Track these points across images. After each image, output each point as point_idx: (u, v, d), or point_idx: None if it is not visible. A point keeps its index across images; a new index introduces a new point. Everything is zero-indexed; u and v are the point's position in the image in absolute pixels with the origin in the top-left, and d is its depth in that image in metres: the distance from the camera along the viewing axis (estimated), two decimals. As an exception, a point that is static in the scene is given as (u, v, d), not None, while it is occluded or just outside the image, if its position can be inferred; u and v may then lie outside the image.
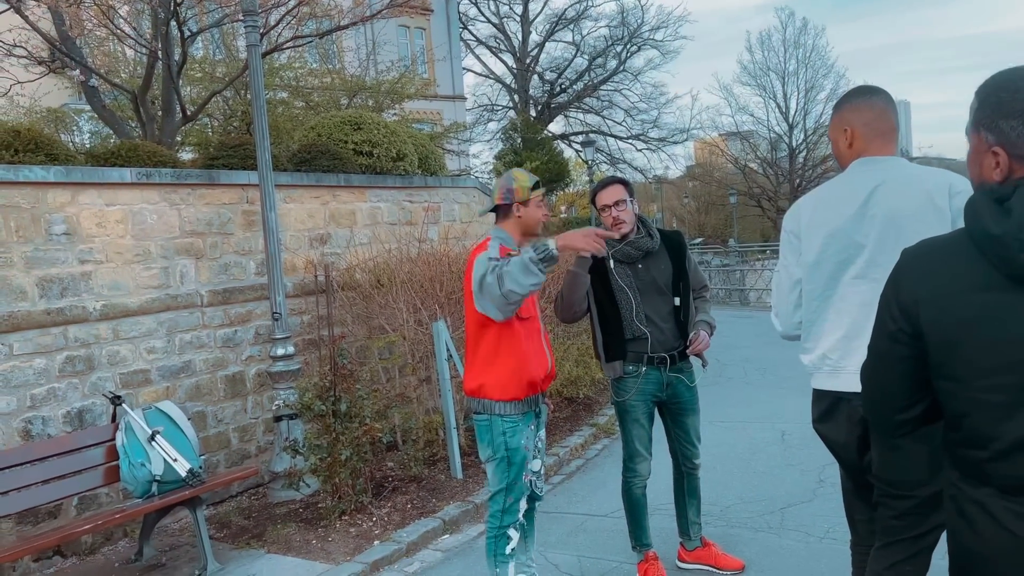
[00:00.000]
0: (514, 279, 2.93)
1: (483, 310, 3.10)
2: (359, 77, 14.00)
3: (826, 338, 2.50)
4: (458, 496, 5.39)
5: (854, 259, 2.42)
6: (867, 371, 1.72)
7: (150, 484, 4.48)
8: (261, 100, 5.70)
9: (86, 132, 12.97)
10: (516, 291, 2.94)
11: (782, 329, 2.69)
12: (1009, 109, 1.45)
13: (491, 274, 2.97)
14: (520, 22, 35.35)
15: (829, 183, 2.57)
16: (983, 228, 1.42)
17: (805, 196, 2.61)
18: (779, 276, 2.64)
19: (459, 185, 8.88)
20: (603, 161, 35.69)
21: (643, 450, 3.87)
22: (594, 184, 4.05)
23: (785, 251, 2.60)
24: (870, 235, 2.38)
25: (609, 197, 3.78)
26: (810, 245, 2.49)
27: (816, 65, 40.62)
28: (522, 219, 3.37)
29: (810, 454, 5.91)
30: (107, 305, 5.28)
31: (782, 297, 2.64)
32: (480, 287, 3.03)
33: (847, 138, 2.52)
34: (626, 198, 3.77)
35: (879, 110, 2.48)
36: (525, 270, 2.93)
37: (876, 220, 2.37)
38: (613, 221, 3.77)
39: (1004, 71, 1.52)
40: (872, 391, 1.72)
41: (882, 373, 1.66)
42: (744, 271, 24.66)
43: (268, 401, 6.17)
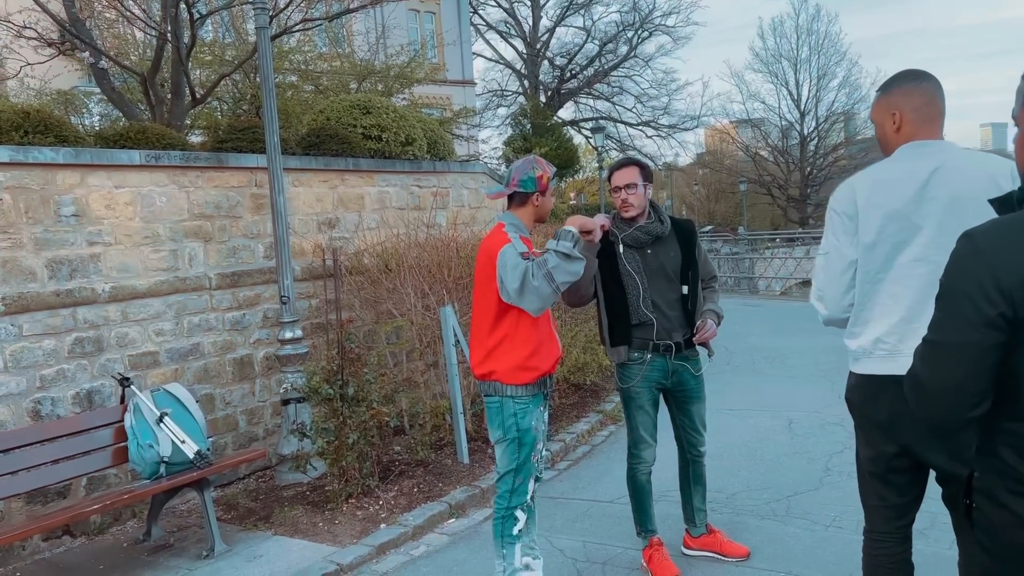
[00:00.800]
0: (564, 271, 3.08)
1: (518, 303, 3.13)
2: (368, 61, 13.95)
3: (880, 322, 2.45)
4: (464, 481, 5.40)
5: (911, 241, 2.38)
6: (937, 365, 1.58)
7: (158, 465, 4.51)
8: (270, 83, 5.68)
9: (96, 115, 12.99)
10: (568, 280, 3.11)
11: (828, 312, 2.61)
12: None
13: (535, 278, 3.05)
14: (530, 7, 35.14)
15: (881, 165, 2.52)
16: None
17: (856, 177, 2.55)
18: (828, 259, 2.56)
19: (468, 170, 8.85)
20: (613, 148, 35.58)
21: (648, 437, 3.87)
22: (611, 164, 4.03)
23: (837, 232, 2.52)
24: (929, 217, 2.35)
25: (621, 179, 3.76)
26: (868, 226, 2.44)
27: (829, 52, 40.39)
28: (538, 208, 3.39)
29: (817, 443, 5.90)
30: (116, 287, 5.30)
31: (832, 279, 2.55)
32: (522, 288, 3.08)
33: (895, 121, 2.49)
34: (638, 181, 3.75)
35: (930, 95, 2.46)
36: (569, 260, 3.09)
37: (937, 202, 2.34)
38: (622, 203, 3.75)
39: None
40: (943, 387, 1.57)
41: (964, 366, 1.53)
42: (753, 259, 24.59)
43: (276, 384, 6.19)
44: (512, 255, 3.13)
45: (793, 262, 22.92)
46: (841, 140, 42.65)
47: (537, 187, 3.34)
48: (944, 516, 2.50)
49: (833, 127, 41.98)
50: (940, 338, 1.57)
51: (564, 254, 3.08)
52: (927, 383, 1.59)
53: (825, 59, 40.40)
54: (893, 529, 2.55)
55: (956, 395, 1.55)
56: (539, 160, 3.41)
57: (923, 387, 1.61)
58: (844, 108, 41.23)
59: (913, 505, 2.55)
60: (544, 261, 3.09)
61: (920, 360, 1.63)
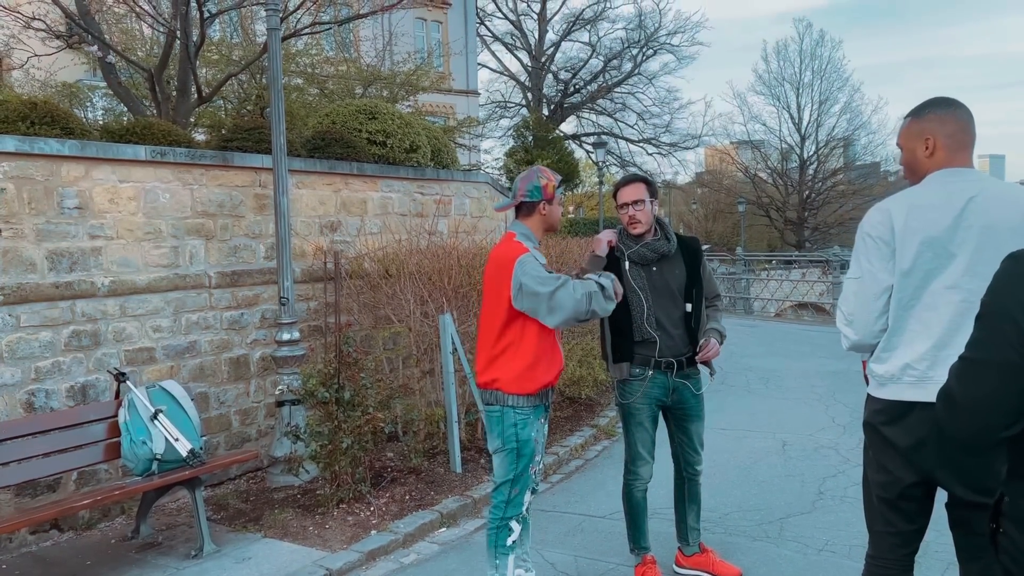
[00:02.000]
0: (601, 304, 3.20)
1: (542, 311, 3.17)
2: (375, 67, 13.99)
3: (910, 348, 2.45)
4: (456, 490, 5.38)
5: (945, 268, 2.39)
6: (974, 383, 1.57)
7: (151, 462, 4.48)
8: (279, 84, 5.69)
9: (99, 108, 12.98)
10: (599, 312, 3.22)
11: (858, 337, 2.59)
12: None
13: (575, 291, 3.12)
14: (537, 20, 35.32)
15: (915, 190, 2.52)
16: None
17: (889, 202, 2.54)
18: (861, 283, 2.55)
19: (471, 179, 8.86)
20: (613, 163, 35.70)
21: (645, 453, 3.86)
22: (617, 180, 4.04)
23: (871, 257, 2.51)
24: (965, 245, 2.36)
25: (629, 195, 3.77)
26: (905, 252, 2.44)
27: (831, 78, 40.67)
28: (546, 217, 3.41)
29: (810, 466, 5.90)
30: (115, 281, 5.28)
31: (865, 304, 2.53)
32: (554, 295, 3.12)
33: (928, 147, 2.50)
34: (645, 198, 3.76)
35: (963, 122, 2.49)
36: (608, 299, 3.23)
37: (972, 231, 2.36)
38: (629, 220, 3.76)
39: None
40: (977, 405, 1.56)
41: (1001, 385, 1.52)
42: (750, 280, 24.62)
43: (271, 385, 6.17)
44: (533, 264, 3.17)
45: (789, 284, 22.97)
46: (840, 165, 42.87)
47: (543, 195, 3.37)
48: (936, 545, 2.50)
49: (833, 152, 42.20)
50: (979, 356, 1.57)
51: (603, 287, 3.20)
52: (961, 400, 1.59)
53: (827, 84, 40.71)
54: (899, 556, 2.55)
55: (990, 414, 1.55)
56: (543, 169, 3.45)
57: (957, 404, 1.60)
58: (844, 133, 41.49)
59: (919, 534, 2.56)
60: (586, 284, 3.17)
61: (956, 377, 1.62)
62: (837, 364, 10.20)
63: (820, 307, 23.15)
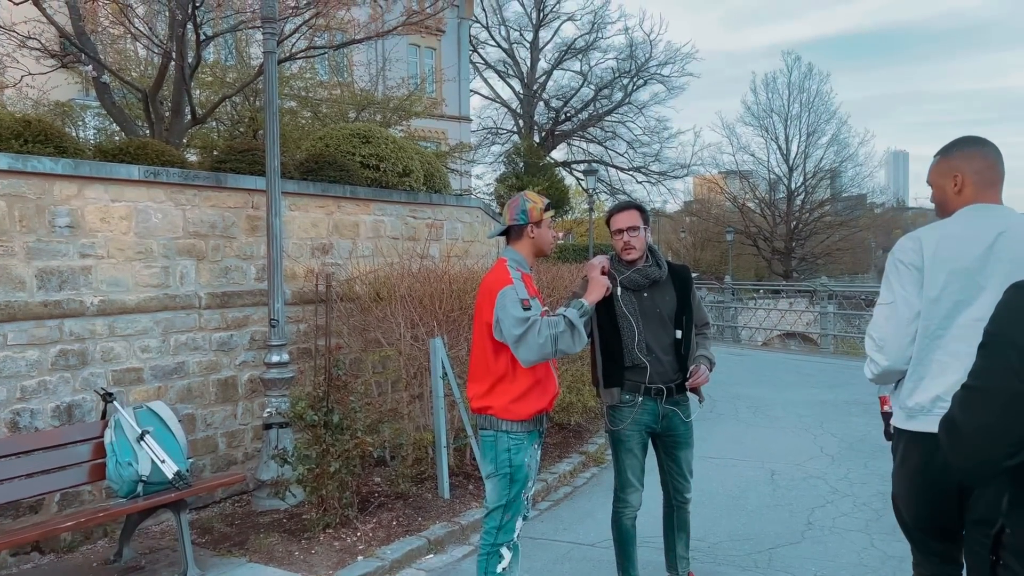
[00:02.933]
0: (568, 343, 3.15)
1: (512, 349, 3.18)
2: (368, 92, 14.08)
3: (938, 379, 2.47)
4: (444, 516, 5.34)
5: (974, 300, 2.43)
6: (978, 412, 1.56)
7: (136, 484, 4.43)
8: (274, 107, 5.72)
9: (91, 128, 13.00)
10: (567, 351, 3.17)
11: (889, 363, 2.58)
12: None
13: (540, 335, 3.10)
14: (529, 49, 35.71)
15: (947, 222, 2.57)
16: None
17: (921, 231, 2.59)
18: (895, 308, 2.56)
19: (463, 204, 8.90)
20: (603, 190, 35.91)
21: (635, 481, 3.85)
22: (611, 207, 4.07)
23: (904, 283, 2.54)
24: (993, 278, 2.40)
25: (623, 221, 3.80)
26: (934, 280, 2.48)
27: (819, 110, 41.19)
28: (535, 240, 3.42)
29: (799, 495, 5.90)
30: (105, 301, 5.25)
31: (898, 329, 2.54)
32: (523, 338, 3.12)
33: (956, 184, 2.56)
34: (639, 225, 3.80)
35: (991, 160, 2.55)
36: (578, 336, 3.18)
37: (1002, 264, 2.40)
38: (624, 246, 3.78)
39: None
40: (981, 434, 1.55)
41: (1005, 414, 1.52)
42: (737, 308, 24.73)
43: (259, 408, 6.12)
44: (512, 299, 3.17)
45: (777, 314, 23.07)
46: (827, 196, 43.30)
47: (528, 218, 3.39)
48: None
49: (820, 183, 42.64)
50: (983, 384, 1.57)
51: (572, 323, 3.15)
52: (964, 429, 1.58)
53: (815, 116, 41.23)
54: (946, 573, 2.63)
55: (994, 443, 1.54)
56: (528, 194, 3.49)
57: (960, 432, 1.59)
58: (832, 165, 41.97)
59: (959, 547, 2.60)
60: (555, 323, 3.14)
61: (959, 406, 1.61)
62: (825, 394, 10.24)
63: (807, 337, 23.26)
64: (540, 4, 34.95)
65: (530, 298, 3.24)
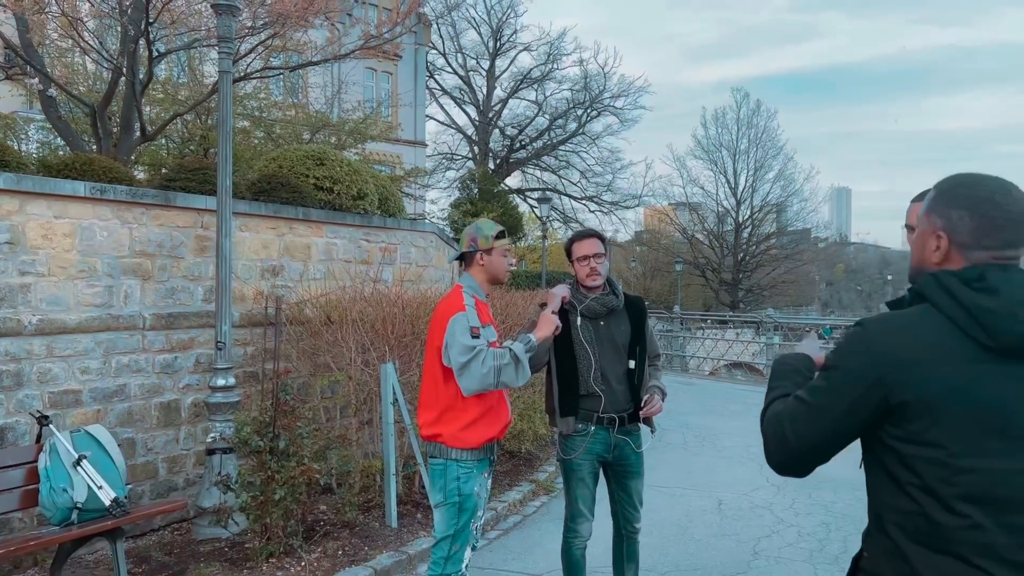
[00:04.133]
0: (511, 376, 3.14)
1: (456, 376, 3.17)
2: (324, 114, 14.01)
3: None
4: (391, 545, 5.25)
5: None
6: (808, 424, 1.67)
7: (70, 511, 4.25)
8: (228, 126, 5.64)
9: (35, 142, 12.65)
10: (510, 383, 3.17)
11: None
12: (962, 201, 1.62)
13: (484, 365, 3.09)
14: (486, 77, 35.95)
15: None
16: (974, 302, 1.52)
17: None
18: None
19: (418, 229, 8.88)
20: (556, 218, 36.18)
21: (586, 510, 3.84)
22: (572, 235, 4.09)
23: None
24: None
25: (589, 248, 3.82)
26: None
27: (767, 146, 42.34)
28: (486, 267, 3.42)
29: (746, 525, 5.95)
30: (44, 320, 5.08)
31: None
32: (466, 368, 3.11)
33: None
34: (603, 252, 3.83)
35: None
36: (522, 370, 3.18)
37: None
38: (590, 272, 3.80)
39: (965, 173, 1.69)
40: (807, 444, 1.68)
41: (831, 430, 1.64)
42: (685, 338, 25.05)
43: (202, 432, 5.96)
44: (462, 327, 3.16)
45: (724, 344, 23.43)
46: (774, 230, 44.36)
47: (478, 246, 3.40)
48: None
49: (767, 217, 43.67)
50: (817, 401, 1.66)
51: (521, 364, 3.16)
52: (792, 438, 1.68)
53: (763, 152, 42.34)
54: None
55: (814, 453, 1.68)
56: (481, 221, 3.52)
57: (787, 441, 1.69)
58: (778, 200, 43.07)
59: None
60: (500, 355, 3.13)
61: (790, 418, 1.70)
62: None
63: (753, 367, 23.65)
64: (497, 34, 35.30)
65: (482, 326, 3.24)
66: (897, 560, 1.59)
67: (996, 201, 1.58)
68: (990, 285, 1.53)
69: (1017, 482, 1.48)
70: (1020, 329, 1.49)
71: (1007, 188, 1.61)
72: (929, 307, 1.60)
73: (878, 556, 1.65)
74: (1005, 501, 1.48)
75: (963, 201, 1.61)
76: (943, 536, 1.51)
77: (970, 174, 1.67)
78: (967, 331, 1.53)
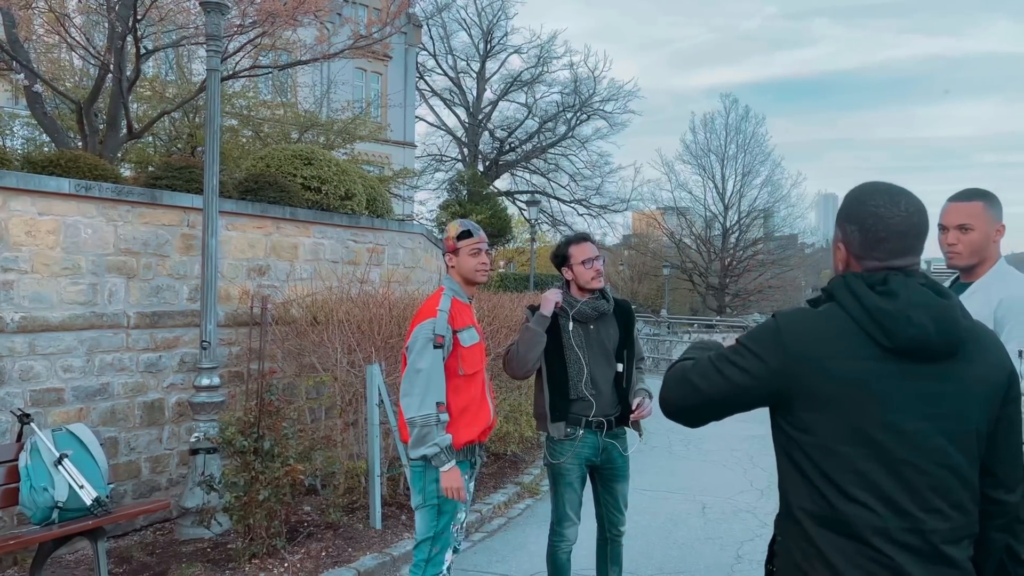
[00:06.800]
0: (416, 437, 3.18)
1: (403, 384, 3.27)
2: (312, 113, 13.96)
3: None
4: (375, 547, 5.23)
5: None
6: (698, 378, 1.79)
7: (51, 511, 4.22)
8: (216, 125, 5.62)
9: (19, 138, 12.54)
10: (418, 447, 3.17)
11: None
12: (852, 215, 1.73)
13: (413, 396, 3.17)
14: (476, 79, 35.98)
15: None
16: (874, 304, 1.62)
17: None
18: None
19: (406, 230, 8.87)
20: (545, 221, 36.23)
21: (573, 515, 3.84)
22: (566, 239, 4.06)
23: None
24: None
25: (590, 251, 3.82)
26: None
27: (754, 152, 42.50)
28: (456, 268, 3.43)
29: (729, 529, 5.98)
30: (26, 317, 5.04)
31: None
32: (408, 391, 3.21)
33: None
34: (600, 255, 3.85)
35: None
36: (417, 448, 3.18)
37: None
38: (596, 274, 3.80)
39: (865, 184, 1.79)
40: (698, 390, 1.79)
41: (722, 389, 1.76)
42: (672, 341, 25.13)
43: (186, 432, 5.93)
44: (425, 337, 3.21)
45: (710, 348, 23.44)
46: (761, 235, 44.55)
47: (446, 247, 3.45)
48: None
49: (754, 222, 43.85)
50: (721, 366, 1.77)
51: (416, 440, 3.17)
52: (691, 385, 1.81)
53: (751, 158, 42.51)
54: None
55: (707, 407, 1.81)
56: (450, 224, 3.53)
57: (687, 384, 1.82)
58: (765, 205, 43.24)
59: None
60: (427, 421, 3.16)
61: (697, 368, 1.81)
62: (756, 429, 10.42)
63: (739, 371, 23.69)
64: (487, 36, 35.33)
65: (459, 329, 3.25)
66: (804, 543, 1.68)
67: (879, 215, 1.68)
68: (891, 289, 1.64)
69: (903, 471, 1.59)
70: (912, 332, 1.59)
71: (895, 199, 1.70)
72: (836, 306, 1.69)
73: (788, 539, 1.74)
74: (893, 487, 1.59)
75: (853, 215, 1.73)
76: (842, 520, 1.62)
77: (867, 185, 1.77)
78: (867, 331, 1.62)
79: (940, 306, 1.62)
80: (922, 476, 1.59)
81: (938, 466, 1.60)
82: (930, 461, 1.60)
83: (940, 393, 1.62)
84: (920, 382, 1.61)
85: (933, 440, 1.60)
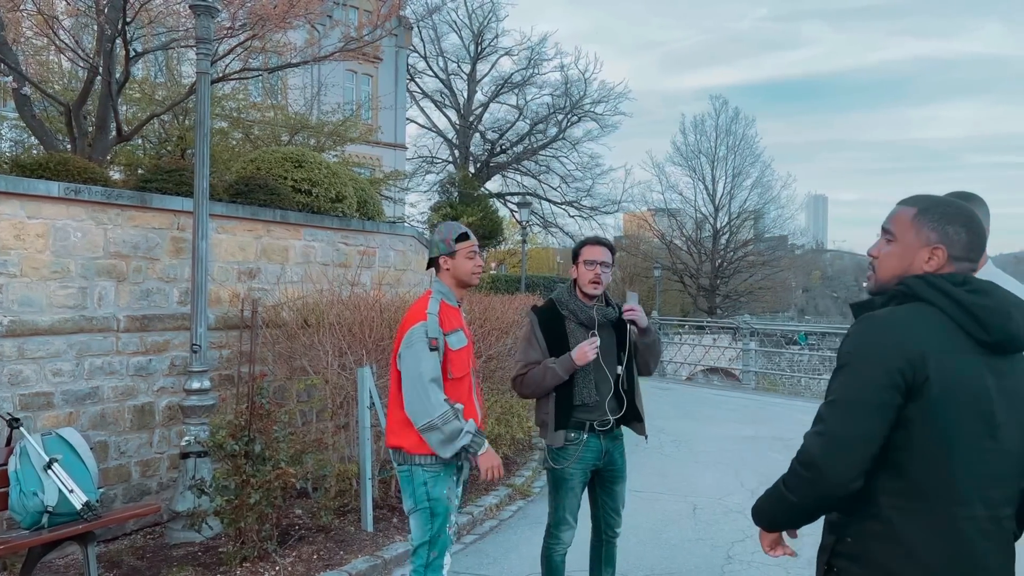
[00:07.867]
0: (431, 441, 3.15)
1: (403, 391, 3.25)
2: (303, 115, 13.94)
3: None
4: (367, 550, 5.23)
5: None
6: (843, 422, 1.70)
7: (40, 515, 4.20)
8: (206, 128, 5.61)
9: (7, 140, 12.48)
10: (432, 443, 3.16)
11: None
12: (958, 218, 1.79)
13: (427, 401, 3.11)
14: (467, 81, 35.99)
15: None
16: (972, 301, 1.69)
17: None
18: None
19: (397, 232, 8.87)
20: (536, 223, 36.24)
21: (571, 519, 3.85)
22: (586, 238, 4.08)
23: None
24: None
25: (600, 254, 3.81)
26: None
27: (744, 153, 42.64)
28: (451, 271, 3.42)
29: (720, 530, 6.00)
30: (15, 321, 5.02)
31: None
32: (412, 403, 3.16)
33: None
34: (610, 263, 3.84)
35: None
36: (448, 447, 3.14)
37: None
38: (594, 277, 3.80)
39: (942, 196, 1.88)
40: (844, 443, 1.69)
41: (868, 423, 1.67)
42: (663, 343, 25.19)
43: (176, 436, 5.91)
44: (419, 338, 3.19)
45: (701, 349, 23.59)
46: (751, 236, 44.69)
47: (441, 249, 3.39)
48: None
49: (744, 223, 43.99)
50: (848, 397, 1.71)
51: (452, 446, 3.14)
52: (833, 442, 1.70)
53: (741, 159, 42.64)
54: None
55: (852, 455, 1.67)
56: (443, 226, 3.49)
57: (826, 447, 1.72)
58: (755, 207, 43.40)
59: None
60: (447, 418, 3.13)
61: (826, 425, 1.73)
62: (747, 429, 10.48)
63: (730, 372, 23.83)
64: (478, 38, 35.35)
65: (447, 333, 3.24)
66: (890, 542, 1.68)
67: (978, 220, 1.80)
68: (979, 288, 1.71)
69: (1000, 460, 1.69)
70: (1012, 327, 1.69)
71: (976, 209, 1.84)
72: (922, 305, 1.72)
73: (867, 540, 1.73)
74: (990, 477, 1.68)
75: (959, 219, 1.78)
76: (938, 512, 1.66)
77: (950, 195, 1.90)
78: (963, 326, 1.69)
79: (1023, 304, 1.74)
80: (1008, 464, 1.71)
81: (1018, 456, 1.72)
82: (1013, 450, 1.71)
83: (1014, 387, 1.73)
84: (1001, 376, 1.71)
85: (1013, 431, 1.71)
